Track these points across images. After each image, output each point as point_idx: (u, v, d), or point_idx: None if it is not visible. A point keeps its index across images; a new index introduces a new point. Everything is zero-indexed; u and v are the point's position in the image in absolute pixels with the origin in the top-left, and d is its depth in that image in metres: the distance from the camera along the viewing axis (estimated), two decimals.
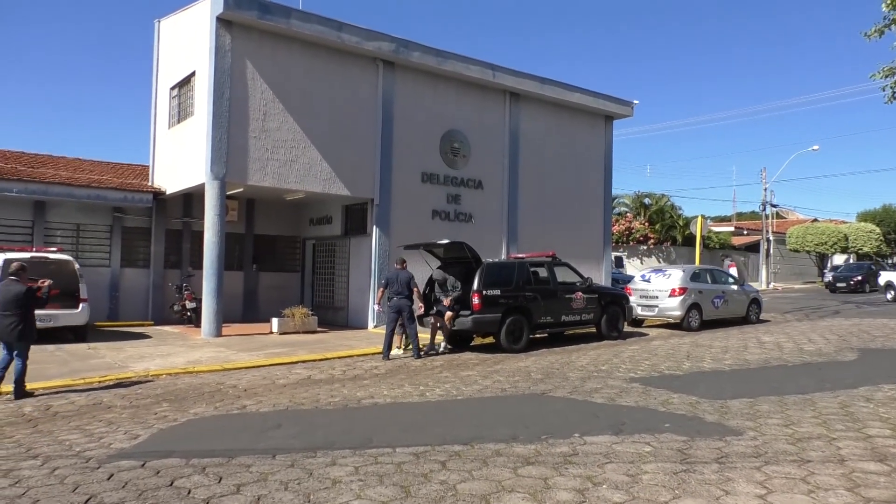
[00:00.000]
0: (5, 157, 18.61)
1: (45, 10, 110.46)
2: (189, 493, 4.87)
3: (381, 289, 12.71)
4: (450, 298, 12.95)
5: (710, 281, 17.60)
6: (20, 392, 8.74)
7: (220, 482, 5.10)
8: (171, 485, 5.05)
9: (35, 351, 12.23)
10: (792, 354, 12.10)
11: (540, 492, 4.85)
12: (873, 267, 36.58)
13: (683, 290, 16.45)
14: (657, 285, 17.00)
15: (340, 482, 5.08)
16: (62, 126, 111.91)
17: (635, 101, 22.92)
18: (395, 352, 12.52)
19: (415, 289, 12.45)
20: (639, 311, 16.94)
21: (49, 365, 10.94)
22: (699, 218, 21.26)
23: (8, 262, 13.13)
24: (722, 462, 5.51)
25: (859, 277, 33.60)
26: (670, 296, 16.51)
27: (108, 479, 5.21)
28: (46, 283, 9.41)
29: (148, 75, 19.21)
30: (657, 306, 16.74)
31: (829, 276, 36.23)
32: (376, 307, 13.85)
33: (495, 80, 19.33)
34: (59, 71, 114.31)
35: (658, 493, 4.78)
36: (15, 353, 8.76)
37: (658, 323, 17.76)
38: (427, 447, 6.05)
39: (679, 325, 16.64)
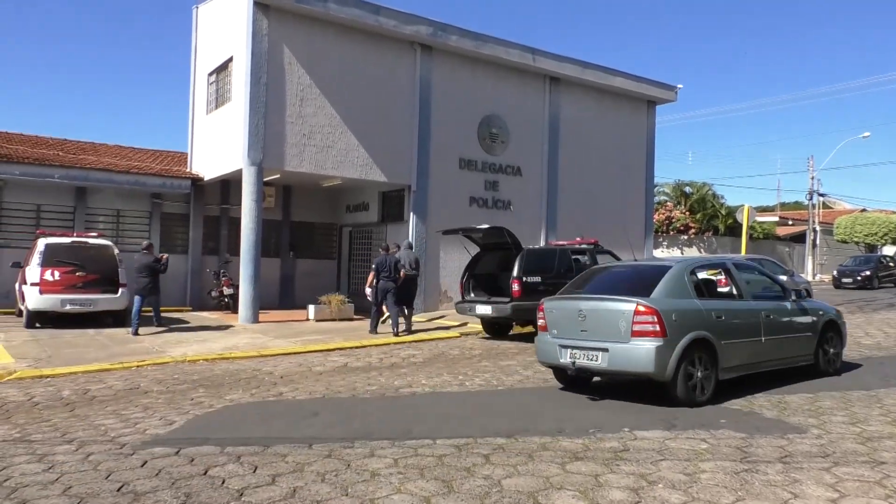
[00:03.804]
0: (48, 143, 18.85)
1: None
2: (223, 482, 4.69)
3: (373, 273, 13.30)
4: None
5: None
6: (159, 321, 13.58)
7: (254, 472, 4.91)
8: (205, 474, 4.88)
9: (76, 335, 12.42)
10: (849, 348, 11.48)
11: (591, 490, 4.54)
12: (885, 260, 33.45)
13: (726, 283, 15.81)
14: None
15: (379, 475, 4.85)
16: (105, 114, 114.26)
17: (679, 86, 22.26)
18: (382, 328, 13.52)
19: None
20: None
21: (89, 349, 10.97)
22: (745, 207, 20.53)
23: (49, 245, 13.29)
24: (786, 462, 5.13)
25: (867, 272, 30.61)
26: None
27: (142, 466, 5.07)
28: (165, 257, 13.84)
29: (187, 62, 19.21)
30: None
31: (834, 272, 33.80)
32: (368, 290, 13.92)
33: (535, 65, 18.90)
34: (100, 59, 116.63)
35: (720, 495, 4.43)
36: (148, 301, 13.19)
37: None
38: (469, 439, 5.79)
39: None
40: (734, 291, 8.29)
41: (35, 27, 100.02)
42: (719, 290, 8.58)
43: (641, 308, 6.96)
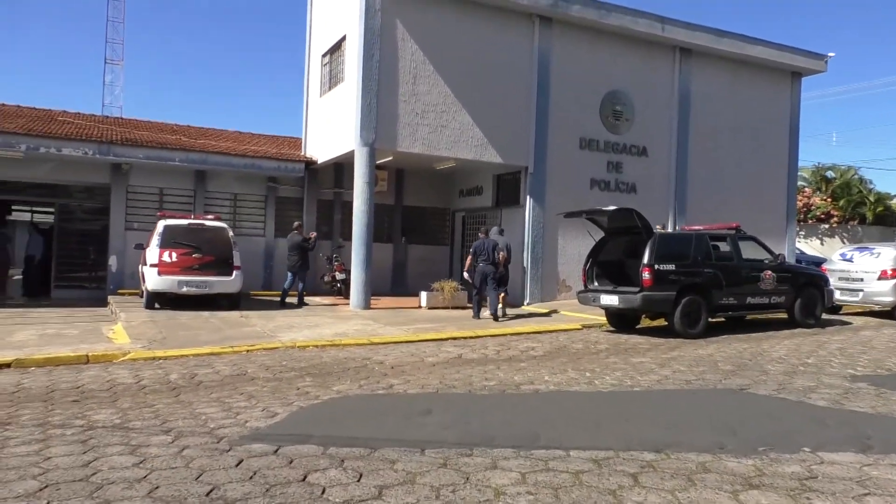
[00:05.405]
0: (172, 129, 19.34)
1: None
2: (323, 492, 4.01)
3: (470, 257, 13.33)
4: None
5: None
6: (301, 303, 14.65)
7: (359, 481, 4.20)
8: (304, 479, 4.22)
9: (190, 317, 12.41)
10: None
11: None
12: None
13: None
14: (862, 266, 14.45)
15: (505, 493, 4.01)
16: (226, 102, 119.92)
17: (830, 54, 19.83)
18: (485, 313, 13.25)
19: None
20: (837, 295, 14.49)
21: (201, 331, 10.84)
22: None
23: (168, 227, 13.40)
24: None
25: None
26: (880, 278, 13.94)
27: (237, 465, 4.48)
28: (314, 235, 15.44)
29: (302, 46, 19.13)
30: (861, 290, 14.23)
31: None
32: (465, 275, 13.77)
33: (664, 35, 17.33)
34: (223, 47, 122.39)
35: None
36: (297, 278, 14.72)
37: (858, 311, 15.19)
38: (609, 452, 4.84)
39: (890, 314, 14.04)
40: None
41: (170, 21, 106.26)
42: None
43: None
